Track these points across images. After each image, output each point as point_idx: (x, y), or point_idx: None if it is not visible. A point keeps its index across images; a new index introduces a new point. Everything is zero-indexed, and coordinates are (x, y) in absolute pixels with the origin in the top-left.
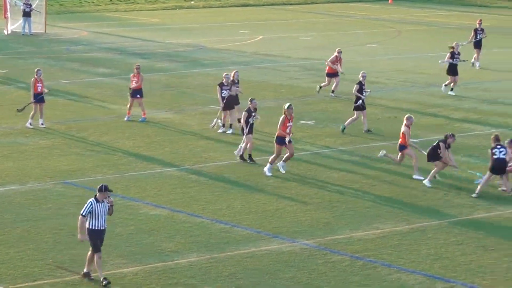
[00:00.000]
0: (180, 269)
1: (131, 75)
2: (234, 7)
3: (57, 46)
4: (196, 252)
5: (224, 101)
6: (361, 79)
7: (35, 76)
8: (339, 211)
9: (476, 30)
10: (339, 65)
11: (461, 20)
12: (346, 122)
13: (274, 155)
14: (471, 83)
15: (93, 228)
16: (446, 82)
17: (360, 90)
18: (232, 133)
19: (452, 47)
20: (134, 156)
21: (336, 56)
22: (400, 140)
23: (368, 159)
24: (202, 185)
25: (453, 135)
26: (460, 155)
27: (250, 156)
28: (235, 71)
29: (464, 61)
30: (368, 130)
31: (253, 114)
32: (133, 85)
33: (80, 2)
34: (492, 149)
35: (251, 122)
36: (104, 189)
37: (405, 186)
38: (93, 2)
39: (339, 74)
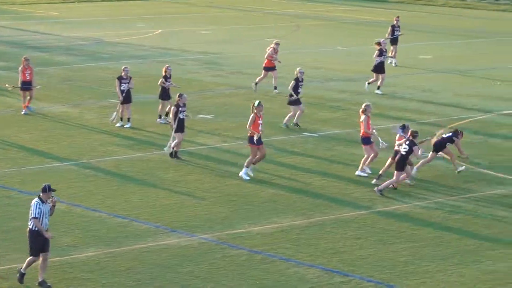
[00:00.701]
0: (77, 264)
1: (21, 67)
2: (132, 1)
3: None
4: (94, 247)
5: (123, 95)
6: (298, 75)
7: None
8: (238, 205)
9: (393, 27)
10: (276, 58)
11: (360, 15)
12: (285, 119)
13: (250, 157)
14: (369, 78)
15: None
16: (370, 80)
17: (296, 86)
18: (131, 127)
19: (379, 44)
20: (31, 150)
21: (273, 48)
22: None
23: (267, 152)
24: (100, 180)
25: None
26: (359, 148)
27: (176, 153)
28: (167, 65)
29: (391, 57)
30: (297, 124)
31: (182, 109)
32: (26, 78)
33: None
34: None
35: (181, 117)
36: (48, 189)
37: (303, 181)
38: None
39: (276, 68)
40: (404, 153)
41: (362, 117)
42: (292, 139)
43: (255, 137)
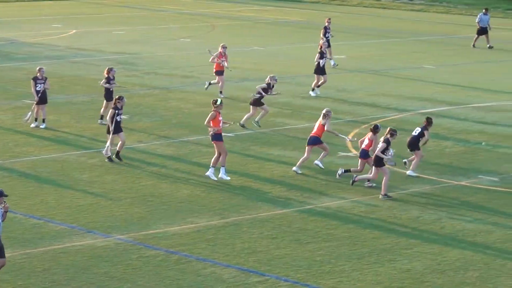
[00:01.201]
0: None
1: None
2: (46, 1)
3: None
4: (10, 248)
5: (39, 95)
6: (271, 81)
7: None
8: (154, 206)
9: (326, 29)
10: (225, 61)
11: (274, 15)
12: (244, 119)
13: (215, 155)
14: (285, 77)
15: None
16: (313, 84)
17: (266, 89)
18: (46, 128)
19: (321, 46)
20: None
21: (220, 52)
22: (315, 132)
23: (181, 153)
24: (15, 180)
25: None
26: (274, 148)
27: (118, 153)
28: (110, 67)
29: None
30: (257, 122)
31: (120, 112)
32: None
33: None
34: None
35: (118, 120)
36: (0, 194)
37: (220, 181)
38: None
39: (223, 73)
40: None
41: (323, 121)
42: (207, 139)
43: (212, 132)
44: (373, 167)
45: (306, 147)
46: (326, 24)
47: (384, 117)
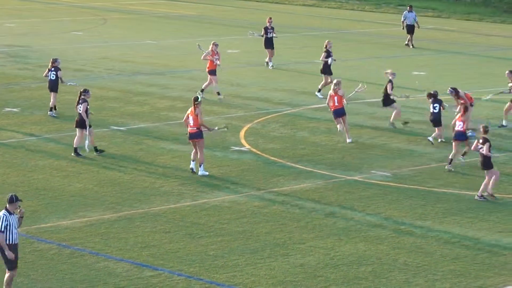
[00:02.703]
0: None
1: None
2: None
3: None
4: None
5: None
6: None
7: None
8: (46, 200)
9: (266, 29)
10: (218, 59)
11: (168, 9)
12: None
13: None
14: (178, 71)
15: (9, 243)
16: (320, 84)
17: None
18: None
19: (326, 45)
20: None
21: (211, 49)
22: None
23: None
24: None
25: None
26: (167, 142)
27: (96, 148)
28: (55, 58)
29: (334, 60)
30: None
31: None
32: None
33: None
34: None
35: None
36: (15, 199)
37: (112, 175)
38: None
39: (216, 72)
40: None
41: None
42: (99, 132)
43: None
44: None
45: (335, 120)
46: (267, 24)
47: (278, 111)
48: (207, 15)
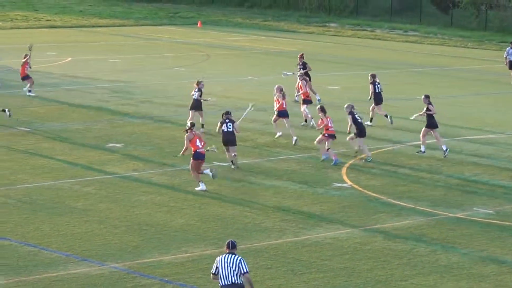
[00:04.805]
0: None
1: None
2: (41, 29)
3: None
4: (3, 275)
5: None
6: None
7: None
8: (148, 235)
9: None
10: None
11: (269, 45)
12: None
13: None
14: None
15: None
16: (381, 113)
17: None
18: (40, 155)
19: (374, 76)
20: None
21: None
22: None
23: (176, 182)
24: (10, 208)
25: None
26: (269, 178)
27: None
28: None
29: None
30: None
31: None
32: None
33: None
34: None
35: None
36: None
37: (214, 210)
38: None
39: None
40: None
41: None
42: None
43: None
44: None
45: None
46: (299, 61)
47: (378, 148)
48: (307, 51)
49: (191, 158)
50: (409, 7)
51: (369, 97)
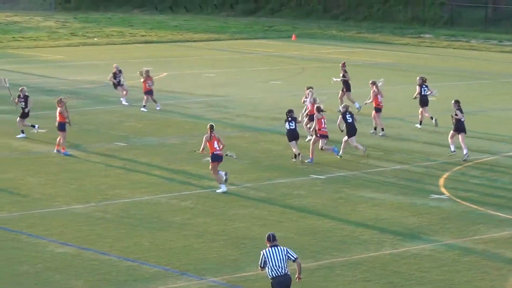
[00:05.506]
0: None
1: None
2: (137, 44)
3: None
4: None
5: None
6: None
7: None
8: (247, 248)
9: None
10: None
11: (362, 57)
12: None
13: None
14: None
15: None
16: (427, 115)
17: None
18: (136, 171)
19: (423, 79)
20: (39, 193)
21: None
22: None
23: (273, 195)
24: (109, 223)
25: None
26: (366, 190)
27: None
28: None
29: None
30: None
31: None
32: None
33: None
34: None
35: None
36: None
37: (312, 223)
38: None
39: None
40: None
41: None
42: (299, 181)
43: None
44: None
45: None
46: (341, 69)
47: (476, 159)
48: (402, 63)
49: (210, 161)
50: (504, 17)
51: (414, 97)
